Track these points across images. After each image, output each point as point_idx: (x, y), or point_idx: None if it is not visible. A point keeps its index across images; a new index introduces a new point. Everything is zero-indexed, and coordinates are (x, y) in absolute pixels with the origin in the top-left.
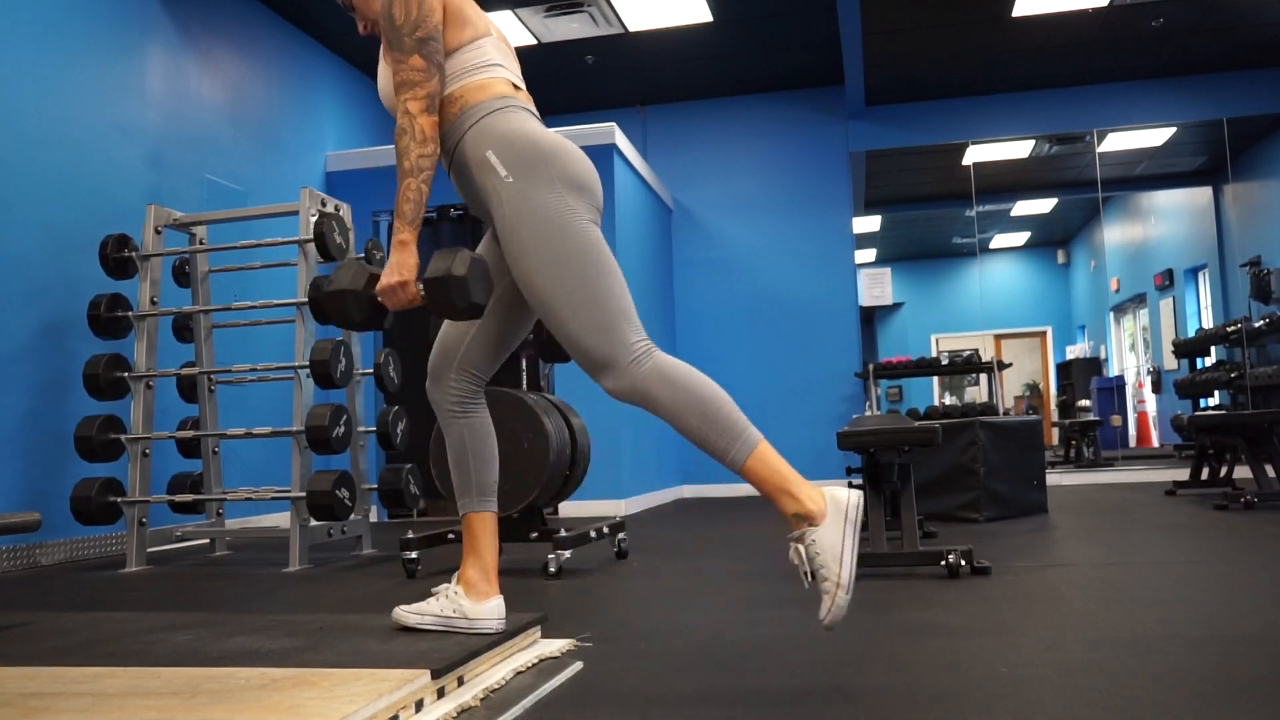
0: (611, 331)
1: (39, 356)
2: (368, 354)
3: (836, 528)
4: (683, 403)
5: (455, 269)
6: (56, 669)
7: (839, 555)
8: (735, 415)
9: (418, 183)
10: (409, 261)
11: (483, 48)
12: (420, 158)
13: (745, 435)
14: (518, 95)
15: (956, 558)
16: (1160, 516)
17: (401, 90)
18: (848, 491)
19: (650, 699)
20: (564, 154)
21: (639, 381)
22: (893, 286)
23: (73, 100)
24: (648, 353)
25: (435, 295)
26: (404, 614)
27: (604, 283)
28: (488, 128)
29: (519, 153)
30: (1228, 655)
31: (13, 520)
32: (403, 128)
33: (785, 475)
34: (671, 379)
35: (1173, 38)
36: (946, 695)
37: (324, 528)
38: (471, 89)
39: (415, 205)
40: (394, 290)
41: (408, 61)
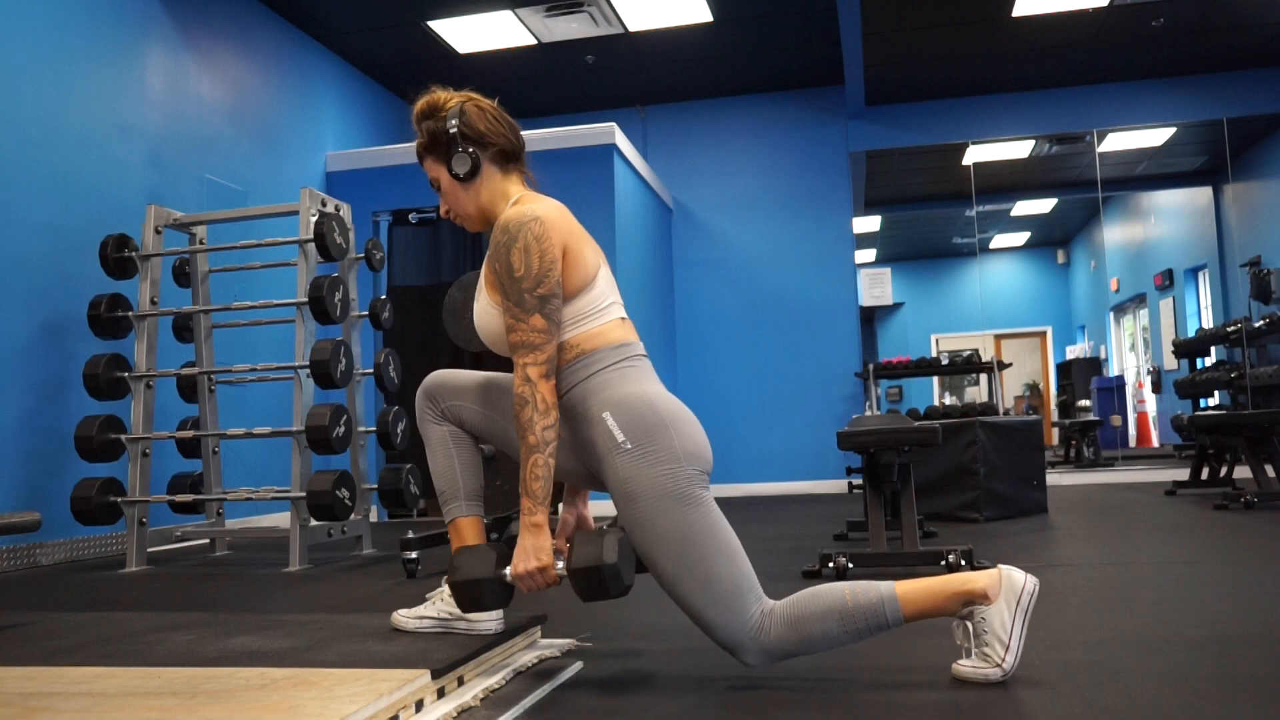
0: (731, 608)
1: (39, 356)
2: (368, 354)
3: (1008, 610)
4: (818, 632)
5: (606, 556)
6: (56, 669)
7: (1006, 640)
8: (861, 597)
9: (545, 458)
10: (545, 545)
11: (599, 286)
12: (545, 429)
13: (884, 601)
14: (632, 340)
15: (956, 558)
16: (1160, 516)
17: (520, 352)
18: (1024, 576)
19: (650, 699)
20: (682, 424)
21: (771, 651)
22: (893, 286)
23: (73, 100)
24: (767, 616)
25: (588, 585)
26: (402, 618)
27: (721, 558)
28: (606, 385)
29: (638, 420)
30: (1228, 655)
31: (13, 520)
32: (523, 397)
33: (936, 589)
34: (797, 622)
35: (1173, 38)
36: (946, 696)
37: (324, 528)
38: (589, 336)
39: (544, 482)
40: (532, 576)
41: (528, 321)
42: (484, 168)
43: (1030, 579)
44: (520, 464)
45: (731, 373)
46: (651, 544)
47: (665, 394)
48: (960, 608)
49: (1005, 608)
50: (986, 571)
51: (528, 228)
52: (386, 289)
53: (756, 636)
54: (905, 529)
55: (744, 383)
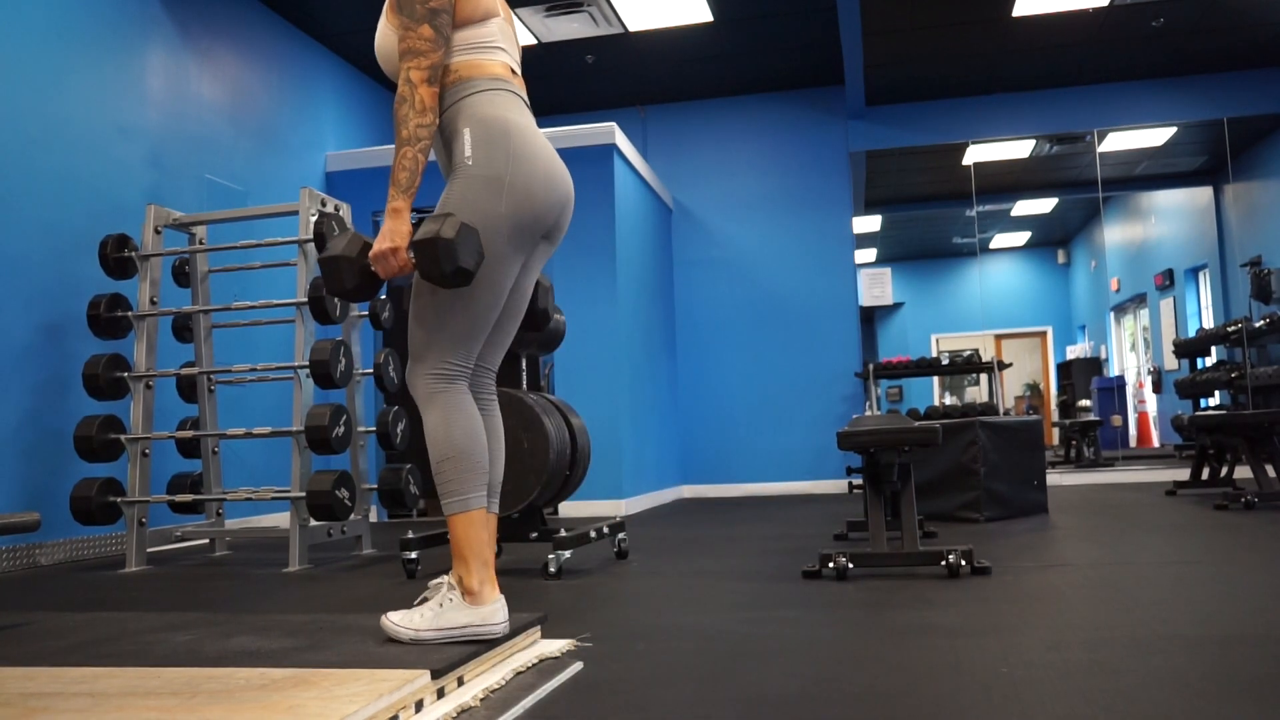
0: (442, 339)
1: (39, 356)
2: (368, 354)
3: (465, 617)
4: (439, 438)
5: (444, 232)
6: (56, 669)
7: (440, 626)
8: (469, 479)
9: (414, 151)
10: (401, 229)
11: (489, 26)
12: (419, 127)
13: (465, 499)
14: (513, 80)
15: (957, 558)
16: (1161, 516)
17: (406, 58)
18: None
19: (650, 699)
20: (529, 161)
21: (421, 393)
22: (893, 286)
23: (73, 100)
24: (451, 380)
25: (424, 259)
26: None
27: (470, 303)
28: (474, 105)
29: (489, 140)
30: (1228, 655)
31: (12, 520)
32: (403, 96)
33: (475, 552)
34: (447, 417)
35: (1173, 38)
36: (947, 696)
37: (324, 528)
38: (470, 64)
39: (410, 174)
40: (385, 256)
41: (416, 30)
42: None
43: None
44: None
45: (731, 373)
46: None
47: (532, 128)
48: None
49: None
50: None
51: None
52: (386, 289)
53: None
54: (905, 529)
55: (744, 383)
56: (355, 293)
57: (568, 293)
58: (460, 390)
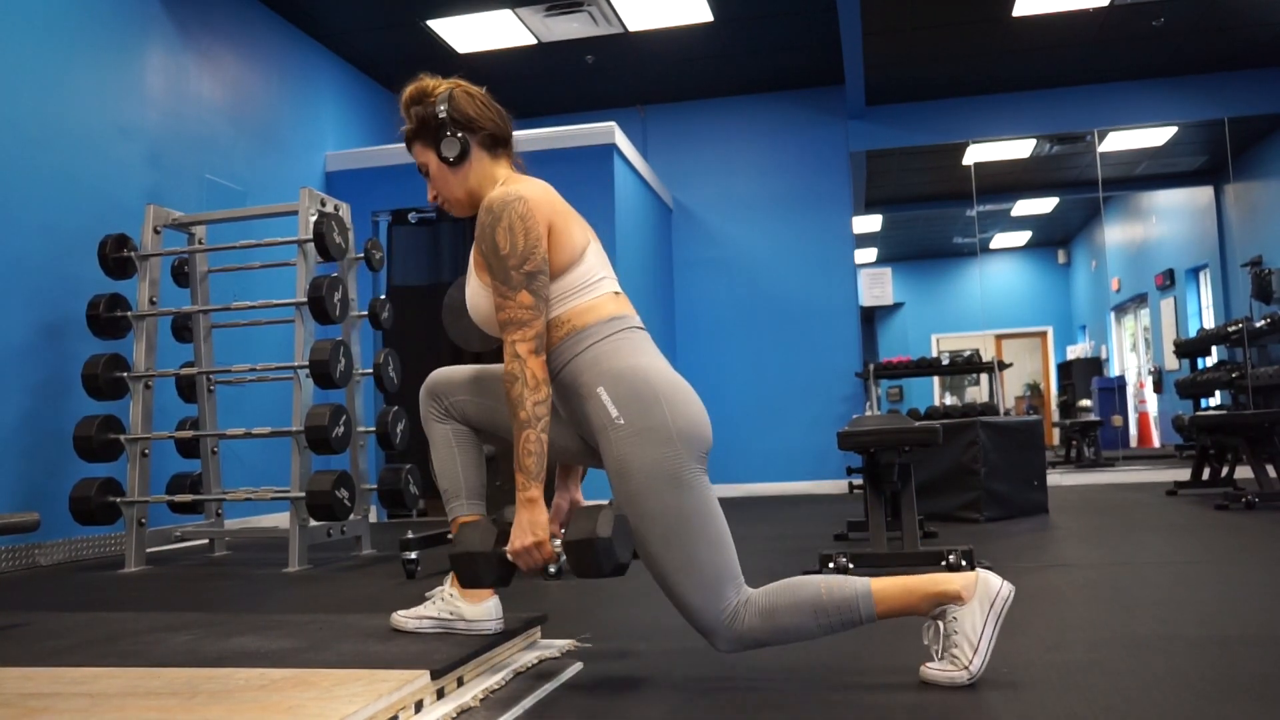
0: (710, 594)
1: (39, 356)
2: (367, 354)
3: (980, 612)
4: (792, 624)
5: (600, 530)
6: (56, 669)
7: (975, 642)
8: (836, 591)
9: (537, 433)
10: (540, 520)
11: (588, 261)
12: (536, 405)
13: (859, 597)
14: (626, 313)
15: (957, 558)
16: (1161, 517)
17: (508, 330)
18: (1001, 582)
19: (650, 699)
20: (679, 398)
21: (743, 639)
22: (893, 286)
23: (73, 100)
24: (744, 605)
25: (579, 558)
26: (401, 619)
27: (707, 544)
28: (600, 359)
29: (633, 394)
30: (1228, 655)
31: (12, 520)
32: (513, 373)
33: (913, 588)
34: (772, 613)
35: (1173, 38)
36: (947, 696)
37: (323, 528)
38: (581, 311)
39: (538, 458)
40: (528, 551)
41: (515, 299)
42: (473, 152)
43: (1007, 585)
44: (513, 442)
45: (731, 373)
46: (639, 522)
47: (663, 366)
48: (933, 607)
49: (978, 609)
50: (963, 574)
51: (512, 207)
52: (386, 289)
53: (730, 624)
54: (905, 529)
55: (744, 383)
56: (493, 584)
57: None
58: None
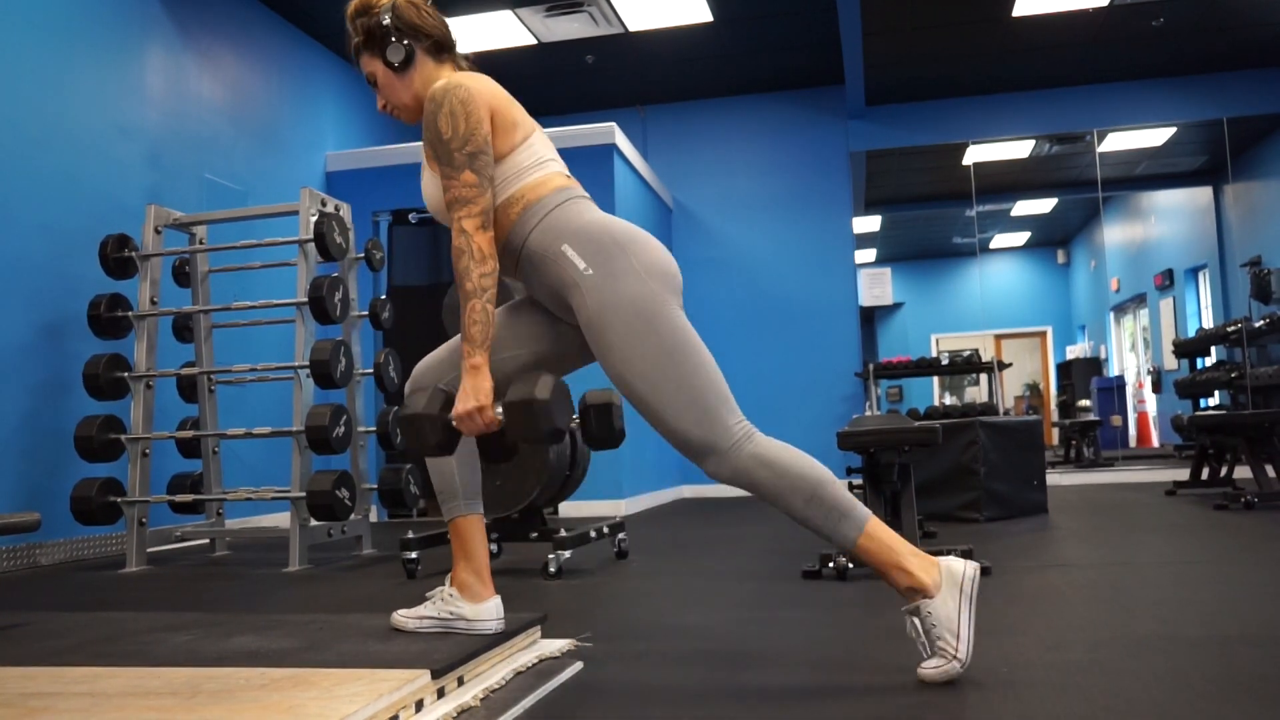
0: (710, 418)
1: (39, 356)
2: (368, 354)
3: (952, 600)
4: (788, 486)
5: (538, 393)
6: (56, 669)
7: (955, 629)
8: (840, 495)
9: (483, 304)
10: (484, 386)
11: (533, 146)
12: (482, 277)
13: (853, 514)
14: (575, 186)
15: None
16: (1160, 516)
17: (455, 207)
18: (964, 563)
19: (650, 699)
20: (640, 241)
21: (740, 467)
22: (893, 286)
23: (73, 100)
24: (747, 436)
25: (516, 420)
26: (402, 618)
27: (698, 371)
28: (558, 222)
29: (596, 244)
30: (1228, 655)
31: (13, 520)
32: (460, 248)
33: (896, 550)
34: (773, 463)
35: (1173, 38)
36: (947, 696)
37: (324, 528)
38: (532, 186)
39: (483, 326)
40: (470, 415)
41: (459, 177)
42: (418, 58)
43: (970, 565)
44: (460, 312)
45: (731, 373)
46: (625, 368)
47: (622, 221)
48: (901, 585)
49: (949, 598)
50: (928, 567)
51: (452, 93)
52: (386, 289)
53: (731, 450)
54: (905, 529)
55: (744, 383)
56: (437, 449)
57: None
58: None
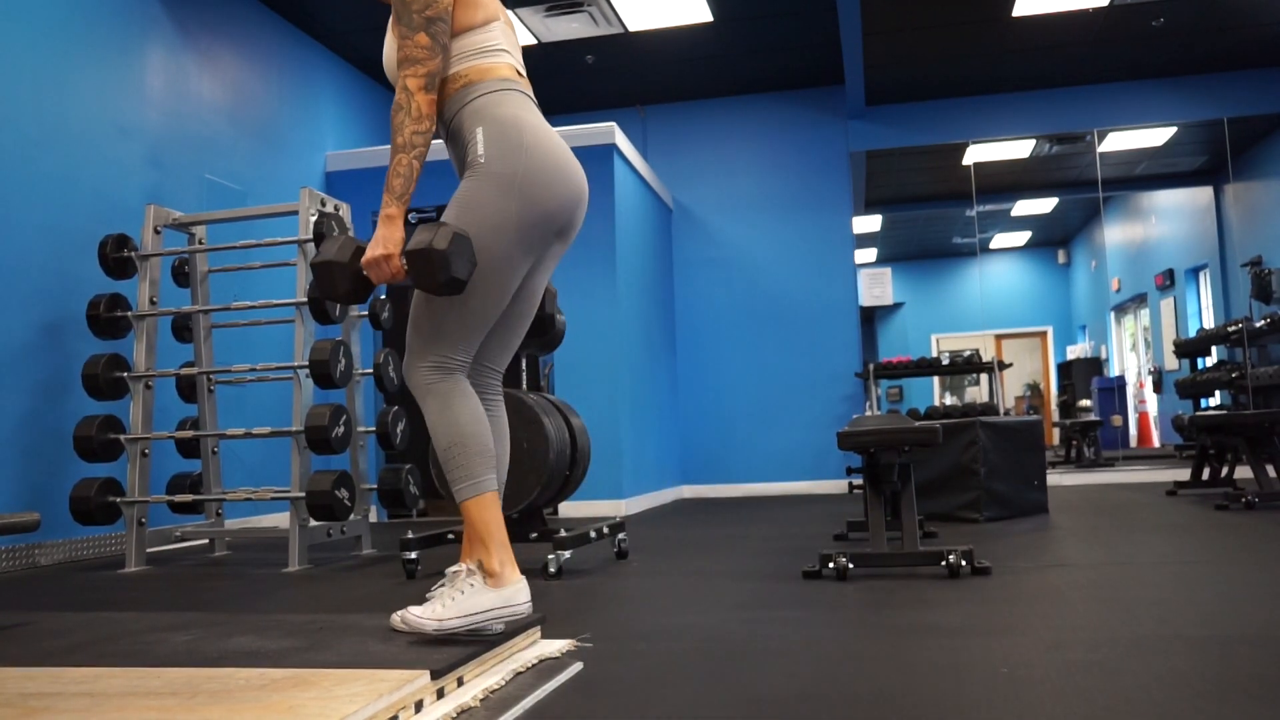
0: (442, 336)
1: (39, 356)
2: (367, 354)
3: (488, 600)
4: (441, 426)
5: (436, 242)
6: (56, 669)
7: (463, 610)
8: (478, 462)
9: (409, 158)
10: (394, 235)
11: (491, 31)
12: (414, 134)
13: (476, 482)
14: (521, 81)
15: (957, 558)
16: (1161, 517)
17: (404, 66)
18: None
19: (650, 699)
20: (541, 157)
21: (419, 386)
22: (893, 286)
23: (73, 100)
24: (449, 371)
25: (417, 268)
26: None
27: (473, 300)
28: (487, 106)
29: (503, 138)
30: (1228, 655)
31: (12, 520)
32: (399, 103)
33: (492, 533)
34: (448, 403)
35: (1173, 38)
36: (947, 696)
37: (324, 528)
38: (478, 68)
39: (405, 180)
40: (378, 263)
41: (413, 38)
42: None
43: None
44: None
45: (731, 373)
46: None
47: (544, 126)
48: (475, 554)
49: (491, 597)
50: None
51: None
52: (386, 289)
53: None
54: (905, 529)
55: (744, 383)
56: (347, 297)
57: (568, 293)
58: (459, 380)
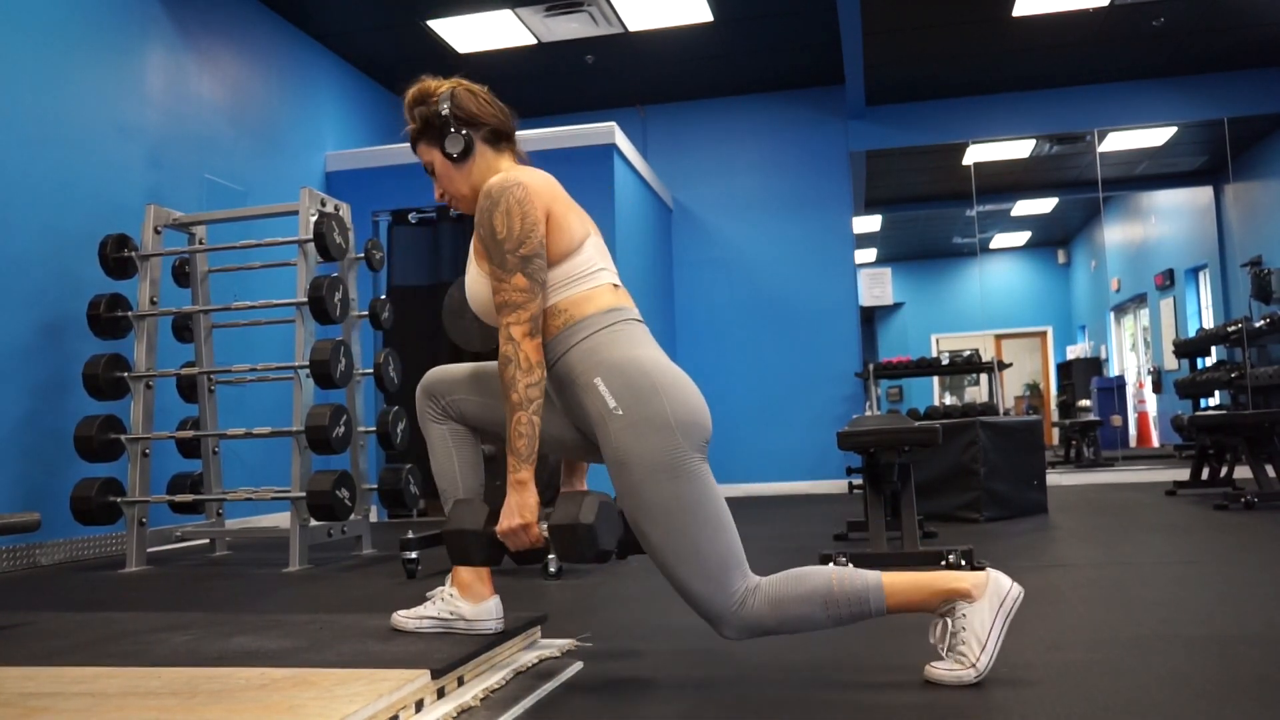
0: (716, 582)
1: (39, 356)
2: (368, 354)
3: (989, 611)
4: (800, 614)
5: (584, 516)
6: (56, 669)
7: (983, 638)
8: (849, 583)
9: (529, 416)
10: (529, 502)
11: (586, 251)
12: (528, 388)
13: (869, 589)
14: (625, 305)
15: (957, 558)
16: (1160, 517)
17: (504, 312)
18: (1011, 582)
19: (650, 699)
20: (676, 389)
21: (750, 627)
22: (893, 286)
23: (72, 100)
24: (751, 593)
25: (564, 543)
26: (402, 619)
27: (716, 534)
28: (597, 349)
29: (630, 385)
30: (1228, 655)
31: (12, 520)
32: (507, 356)
33: (924, 583)
34: (780, 602)
35: (1173, 38)
36: (947, 696)
37: (324, 528)
38: (577, 301)
39: (529, 441)
40: (515, 533)
41: (510, 281)
42: (476, 147)
43: (1016, 586)
44: (505, 424)
45: (731, 373)
46: (640, 513)
47: (660, 357)
48: (942, 604)
49: (988, 607)
50: (974, 573)
51: (510, 192)
52: (386, 289)
53: (737, 611)
54: (905, 529)
55: (744, 383)
56: (482, 564)
57: None
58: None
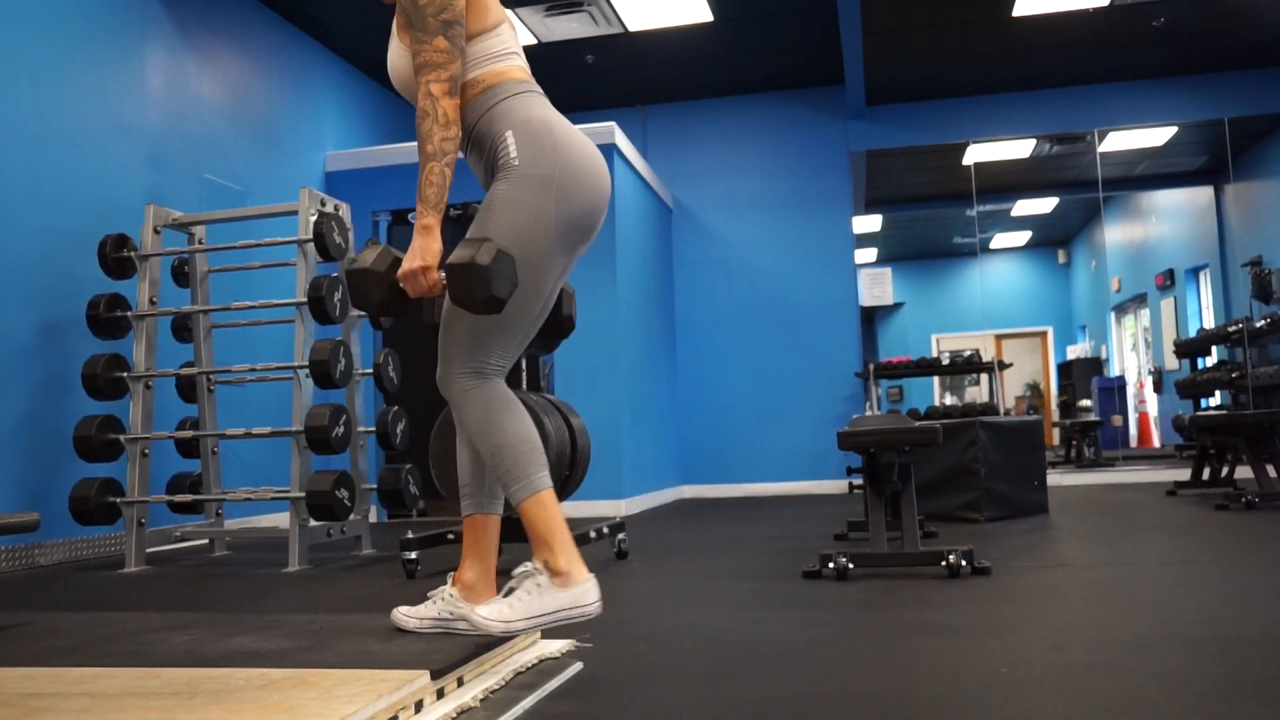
0: (478, 342)
1: (38, 356)
2: (367, 354)
3: (554, 601)
4: (486, 429)
5: (479, 258)
6: (56, 669)
7: (531, 612)
8: (529, 460)
9: (441, 166)
10: (432, 247)
11: (501, 35)
12: (444, 140)
13: (529, 483)
14: (534, 83)
15: (957, 558)
16: (1161, 517)
17: (424, 72)
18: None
19: (650, 699)
20: (573, 156)
21: (456, 392)
22: (893, 286)
23: (72, 100)
24: (486, 375)
25: (457, 284)
26: (403, 616)
27: (513, 304)
28: (510, 109)
29: (535, 141)
30: (1228, 655)
31: (12, 520)
32: (425, 110)
33: (554, 531)
34: (489, 406)
35: (1173, 38)
36: (947, 697)
37: (323, 528)
38: (495, 73)
39: (439, 189)
40: (415, 275)
41: (431, 43)
42: None
43: (595, 606)
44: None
45: (731, 373)
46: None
47: (571, 127)
48: (541, 559)
49: (559, 597)
50: (579, 569)
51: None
52: None
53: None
54: (905, 529)
55: (744, 383)
56: (381, 308)
57: None
58: (496, 383)
